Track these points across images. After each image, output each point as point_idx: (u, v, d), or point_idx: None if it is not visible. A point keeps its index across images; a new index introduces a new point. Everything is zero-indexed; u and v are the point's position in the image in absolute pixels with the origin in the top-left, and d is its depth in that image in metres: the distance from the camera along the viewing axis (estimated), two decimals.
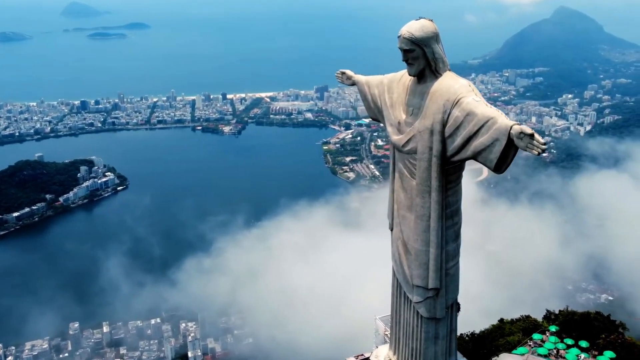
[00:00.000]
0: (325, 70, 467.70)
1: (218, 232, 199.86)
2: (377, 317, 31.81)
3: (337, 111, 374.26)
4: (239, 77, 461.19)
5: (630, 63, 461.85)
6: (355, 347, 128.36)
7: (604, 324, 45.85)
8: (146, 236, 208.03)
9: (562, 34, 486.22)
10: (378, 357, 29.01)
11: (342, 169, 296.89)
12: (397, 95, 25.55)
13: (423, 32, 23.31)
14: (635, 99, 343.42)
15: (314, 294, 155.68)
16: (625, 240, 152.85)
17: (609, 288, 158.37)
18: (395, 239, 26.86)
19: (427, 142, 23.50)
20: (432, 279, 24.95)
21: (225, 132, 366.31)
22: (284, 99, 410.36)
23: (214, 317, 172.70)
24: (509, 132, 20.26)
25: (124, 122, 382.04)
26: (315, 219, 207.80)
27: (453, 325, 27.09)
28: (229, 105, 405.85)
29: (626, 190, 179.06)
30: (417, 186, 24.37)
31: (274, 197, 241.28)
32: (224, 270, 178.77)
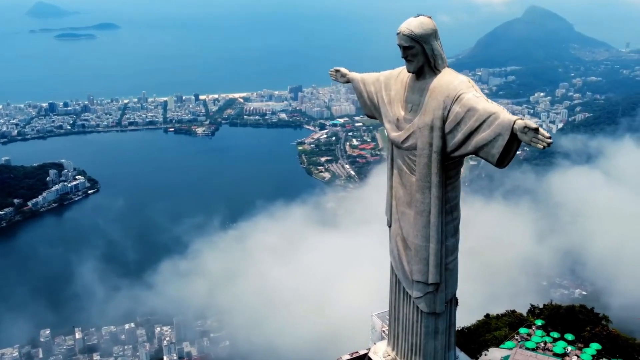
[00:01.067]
0: (299, 71, 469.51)
1: (194, 234, 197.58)
2: (373, 314, 31.79)
3: (311, 111, 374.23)
4: (212, 78, 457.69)
5: (600, 61, 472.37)
6: (338, 346, 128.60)
7: (589, 316, 46.75)
8: (120, 239, 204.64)
9: (534, 33, 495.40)
10: (377, 354, 29.04)
11: (317, 169, 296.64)
12: (395, 92, 25.59)
13: (422, 29, 23.40)
14: (605, 97, 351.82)
15: (293, 295, 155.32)
16: (598, 235, 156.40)
17: (583, 283, 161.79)
18: (394, 235, 26.94)
19: (427, 138, 23.62)
20: (432, 274, 25.13)
21: (198, 134, 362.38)
22: (258, 99, 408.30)
23: (190, 320, 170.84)
24: (512, 126, 20.45)
25: (94, 125, 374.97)
26: (292, 220, 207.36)
27: (452, 320, 27.33)
28: (202, 106, 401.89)
29: (599, 186, 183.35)
30: (417, 182, 24.47)
31: (249, 198, 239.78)
32: (201, 273, 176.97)
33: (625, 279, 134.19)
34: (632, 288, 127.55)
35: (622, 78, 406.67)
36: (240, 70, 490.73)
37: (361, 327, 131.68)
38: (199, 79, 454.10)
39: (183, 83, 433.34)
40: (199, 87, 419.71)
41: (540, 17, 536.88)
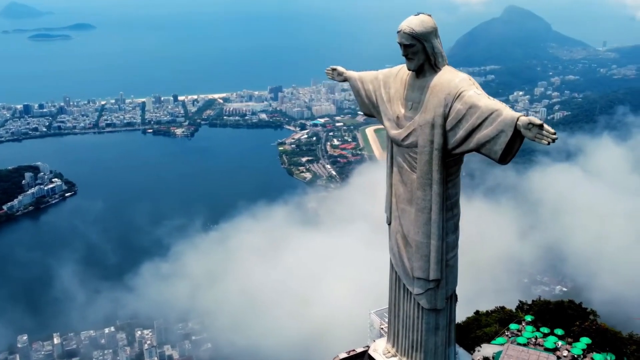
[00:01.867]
0: (279, 71, 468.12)
1: (175, 237, 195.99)
2: (371, 311, 31.80)
3: (291, 111, 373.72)
4: (191, 78, 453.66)
5: (577, 60, 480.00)
6: (325, 346, 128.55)
7: (577, 311, 47.37)
8: (100, 242, 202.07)
9: (512, 33, 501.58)
10: (377, 351, 29.05)
11: (298, 170, 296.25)
12: (394, 90, 25.65)
13: (423, 27, 23.51)
14: (583, 95, 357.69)
15: (277, 295, 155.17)
16: (578, 231, 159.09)
17: (563, 279, 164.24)
18: (393, 232, 26.97)
19: (428, 135, 23.71)
20: (433, 271, 25.26)
21: (177, 135, 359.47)
22: (238, 100, 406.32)
23: (172, 323, 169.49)
24: (515, 123, 20.59)
25: (71, 127, 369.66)
26: (274, 220, 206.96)
27: (452, 316, 27.49)
28: (181, 107, 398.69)
29: (578, 183, 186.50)
30: (418, 179, 24.55)
31: (230, 199, 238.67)
32: (183, 275, 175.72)
33: (605, 275, 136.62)
34: (613, 283, 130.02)
35: (599, 77, 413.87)
36: (219, 71, 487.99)
37: (349, 325, 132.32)
38: (177, 80, 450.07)
39: (161, 84, 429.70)
40: (178, 88, 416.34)
41: (519, 17, 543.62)
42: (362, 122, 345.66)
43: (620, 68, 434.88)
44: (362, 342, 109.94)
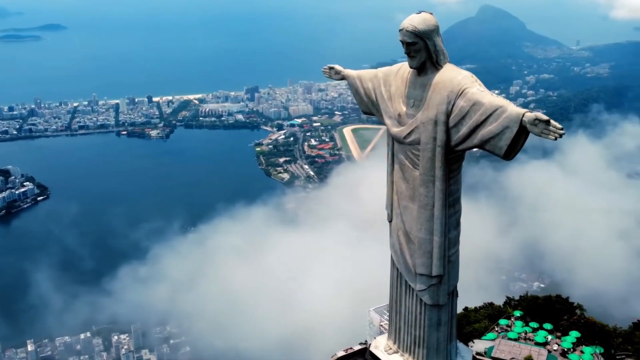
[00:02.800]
0: (255, 71, 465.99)
1: (153, 239, 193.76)
2: (370, 309, 31.88)
3: (268, 112, 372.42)
4: (165, 79, 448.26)
5: (552, 59, 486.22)
6: (308, 347, 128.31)
7: (565, 306, 48.23)
8: (75, 246, 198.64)
9: (487, 32, 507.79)
10: (378, 348, 29.11)
11: (276, 170, 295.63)
12: (395, 88, 25.77)
13: (425, 24, 23.67)
14: (557, 94, 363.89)
15: (258, 296, 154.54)
16: (556, 228, 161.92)
17: (541, 276, 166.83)
18: (395, 229, 27.07)
19: (431, 132, 23.88)
20: (435, 267, 25.45)
21: (152, 137, 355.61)
22: (213, 100, 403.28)
23: (150, 327, 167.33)
24: (520, 119, 20.83)
25: (42, 129, 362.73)
26: (253, 221, 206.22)
27: (454, 311, 27.71)
28: (156, 108, 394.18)
29: (555, 180, 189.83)
30: (421, 176, 24.72)
31: (208, 200, 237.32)
32: (161, 278, 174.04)
33: (583, 270, 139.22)
34: (591, 278, 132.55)
35: (573, 75, 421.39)
36: (194, 71, 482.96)
37: (333, 325, 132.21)
38: (151, 81, 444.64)
39: (135, 85, 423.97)
40: (152, 89, 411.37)
41: (493, 16, 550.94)
42: (339, 122, 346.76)
43: (593, 67, 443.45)
44: (347, 341, 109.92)
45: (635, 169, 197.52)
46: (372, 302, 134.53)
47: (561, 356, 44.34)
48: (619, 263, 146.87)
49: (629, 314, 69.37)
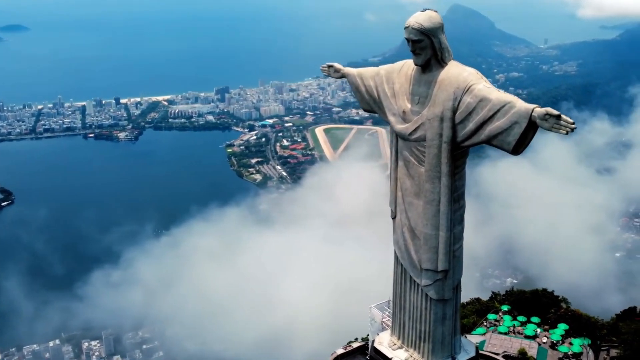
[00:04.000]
0: (225, 72, 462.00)
1: (125, 243, 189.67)
2: (372, 305, 32.01)
3: (239, 113, 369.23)
4: (133, 81, 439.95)
5: (520, 57, 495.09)
6: (289, 347, 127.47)
7: (551, 299, 49.15)
8: (45, 252, 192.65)
9: (457, 31, 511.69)
10: (382, 344, 29.27)
11: (248, 171, 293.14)
12: (399, 85, 25.92)
13: (431, 22, 23.93)
14: (527, 92, 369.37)
15: (235, 298, 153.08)
16: (529, 223, 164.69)
17: (514, 272, 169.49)
18: (399, 226, 27.25)
19: (437, 129, 24.12)
20: (441, 262, 25.77)
21: (120, 139, 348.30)
22: (183, 101, 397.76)
23: (122, 332, 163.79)
24: (530, 114, 21.14)
25: (5, 132, 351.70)
26: (227, 222, 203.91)
27: (457, 305, 28.08)
28: (124, 110, 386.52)
29: (528, 177, 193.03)
30: (427, 172, 24.94)
31: (180, 203, 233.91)
32: (135, 282, 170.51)
33: (556, 264, 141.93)
34: (564, 273, 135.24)
35: (541, 73, 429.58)
36: (162, 73, 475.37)
37: (315, 323, 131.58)
38: (118, 82, 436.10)
39: (102, 86, 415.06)
40: (119, 91, 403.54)
41: (463, 16, 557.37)
42: (311, 122, 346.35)
43: (561, 65, 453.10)
44: (331, 339, 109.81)
45: (604, 165, 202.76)
46: (354, 300, 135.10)
47: (551, 348, 45.31)
48: (591, 257, 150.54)
49: (604, 307, 71.20)
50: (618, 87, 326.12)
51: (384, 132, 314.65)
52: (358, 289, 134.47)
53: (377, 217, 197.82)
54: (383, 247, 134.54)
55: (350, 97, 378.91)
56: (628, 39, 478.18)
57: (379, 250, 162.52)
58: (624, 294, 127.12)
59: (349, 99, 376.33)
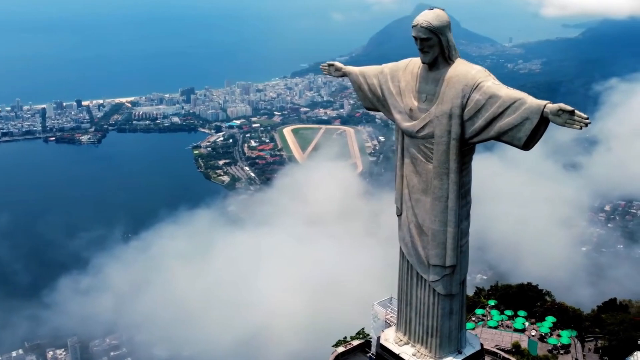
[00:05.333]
0: (190, 72, 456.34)
1: (93, 249, 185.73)
2: (374, 302, 32.12)
3: (205, 114, 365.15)
4: (94, 82, 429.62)
5: (486, 56, 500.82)
6: (268, 347, 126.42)
7: (536, 293, 50.24)
8: (7, 259, 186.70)
9: None
10: (388, 340, 29.34)
11: (215, 173, 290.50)
12: (405, 83, 26.06)
13: (439, 21, 24.20)
14: None
15: (208, 300, 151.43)
16: (500, 219, 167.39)
17: (483, 268, 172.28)
18: (405, 222, 27.39)
19: (445, 126, 24.37)
20: (449, 257, 26.05)
21: (83, 142, 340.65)
22: (147, 103, 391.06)
23: (89, 340, 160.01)
24: (542, 110, 21.51)
25: None
26: (196, 225, 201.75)
27: (464, 300, 28.40)
28: (85, 112, 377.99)
29: (497, 172, 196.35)
30: (435, 169, 25.15)
31: (148, 206, 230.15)
32: (105, 288, 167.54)
33: (527, 259, 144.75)
34: (534, 267, 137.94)
35: (507, 72, 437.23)
36: (125, 74, 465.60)
37: (291, 323, 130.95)
38: (80, 84, 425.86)
39: (62, 89, 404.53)
40: (81, 93, 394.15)
41: None
42: (279, 122, 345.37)
43: (526, 63, 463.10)
44: (310, 338, 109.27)
45: (570, 161, 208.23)
46: (332, 298, 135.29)
47: (540, 341, 46.38)
48: (560, 251, 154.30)
49: (577, 301, 72.80)
50: (582, 84, 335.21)
51: (352, 132, 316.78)
52: (334, 287, 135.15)
53: (349, 216, 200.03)
54: (357, 245, 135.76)
55: (317, 97, 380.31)
56: (590, 37, 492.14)
57: (353, 249, 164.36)
58: (594, 287, 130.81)
59: (317, 99, 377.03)
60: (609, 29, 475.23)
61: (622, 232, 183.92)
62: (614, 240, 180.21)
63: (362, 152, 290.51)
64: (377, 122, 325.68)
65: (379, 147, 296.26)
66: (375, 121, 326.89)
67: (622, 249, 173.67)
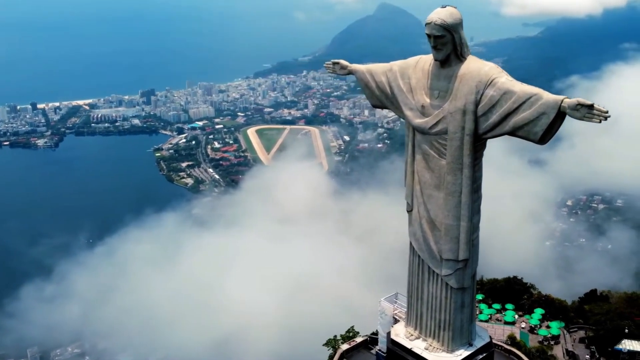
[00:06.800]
0: (150, 73, 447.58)
1: (57, 256, 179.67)
2: (381, 299, 32.25)
3: (167, 115, 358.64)
4: (50, 85, 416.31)
5: None
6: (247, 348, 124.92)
7: (522, 286, 51.42)
8: None
9: (386, 29, 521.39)
10: (398, 335, 29.54)
11: (178, 176, 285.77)
12: (415, 80, 26.31)
13: (453, 18, 24.51)
14: None
15: (179, 304, 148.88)
16: None
17: None
18: (417, 218, 27.66)
19: (459, 122, 24.73)
20: (462, 251, 26.45)
21: (39, 146, 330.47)
22: (106, 105, 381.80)
23: (50, 349, 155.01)
24: (559, 105, 22.00)
25: None
26: (162, 229, 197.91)
27: (474, 293, 28.80)
28: (41, 115, 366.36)
29: None
30: (449, 165, 25.49)
31: (111, 211, 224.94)
32: (70, 295, 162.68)
33: (497, 254, 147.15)
34: (504, 262, 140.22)
35: None
36: (82, 76, 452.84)
37: (267, 322, 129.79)
38: (34, 86, 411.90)
39: (16, 91, 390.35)
40: (36, 95, 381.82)
41: (391, 14, 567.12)
42: (242, 123, 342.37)
43: (487, 61, 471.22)
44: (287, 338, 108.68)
45: (535, 157, 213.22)
46: (307, 296, 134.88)
47: (530, 333, 47.51)
48: (529, 245, 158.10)
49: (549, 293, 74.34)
50: (543, 82, 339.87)
51: (317, 132, 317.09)
52: (309, 285, 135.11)
53: (319, 215, 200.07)
54: (330, 243, 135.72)
55: (281, 97, 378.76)
56: (549, 35, 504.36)
57: (326, 247, 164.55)
58: (564, 280, 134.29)
59: (280, 99, 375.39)
60: (568, 28, 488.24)
61: (584, 226, 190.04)
62: (577, 235, 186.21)
63: (328, 151, 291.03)
64: (341, 121, 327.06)
65: (344, 146, 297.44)
66: (340, 121, 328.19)
67: (584, 242, 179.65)
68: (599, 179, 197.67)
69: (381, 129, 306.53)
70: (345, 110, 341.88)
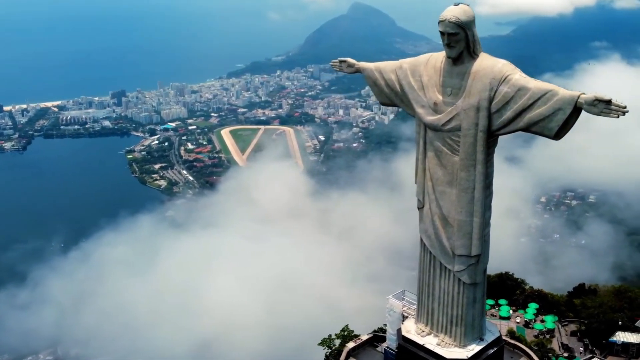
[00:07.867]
0: (121, 74, 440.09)
1: (29, 261, 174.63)
2: (389, 296, 32.30)
3: (138, 117, 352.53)
4: (16, 86, 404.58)
5: (421, 53, 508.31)
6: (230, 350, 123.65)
7: (514, 281, 52.15)
8: None
9: (359, 29, 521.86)
10: (409, 332, 29.65)
11: (151, 178, 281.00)
12: (427, 78, 26.45)
13: (466, 16, 24.73)
14: None
15: (158, 308, 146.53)
16: None
17: None
18: (428, 215, 27.84)
19: (473, 118, 24.96)
20: (475, 247, 26.74)
21: (6, 149, 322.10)
22: (76, 107, 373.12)
23: (20, 357, 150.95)
24: (575, 101, 22.33)
25: None
26: (138, 231, 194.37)
27: (485, 288, 29.14)
28: (8, 118, 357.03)
29: None
30: (462, 161, 25.70)
31: (83, 214, 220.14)
32: (45, 301, 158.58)
33: None
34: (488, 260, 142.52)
35: None
36: (51, 76, 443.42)
37: (250, 323, 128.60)
38: (0, 88, 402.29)
39: None
40: (2, 97, 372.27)
41: (364, 14, 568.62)
42: (216, 123, 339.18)
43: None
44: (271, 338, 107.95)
45: (510, 154, 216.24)
46: (288, 296, 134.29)
47: (526, 327, 48.25)
48: (509, 241, 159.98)
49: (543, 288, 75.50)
50: None
51: (292, 132, 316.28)
52: (291, 284, 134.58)
53: (297, 215, 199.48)
54: (309, 242, 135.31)
55: (255, 97, 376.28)
56: (521, 34, 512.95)
57: (306, 246, 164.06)
58: (542, 275, 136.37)
59: (254, 100, 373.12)
60: (539, 27, 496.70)
61: (558, 222, 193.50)
62: (551, 230, 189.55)
63: (303, 151, 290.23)
64: (316, 121, 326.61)
65: (319, 146, 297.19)
66: (315, 120, 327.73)
67: (558, 238, 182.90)
68: (573, 175, 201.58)
69: (356, 129, 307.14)
70: (320, 110, 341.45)
